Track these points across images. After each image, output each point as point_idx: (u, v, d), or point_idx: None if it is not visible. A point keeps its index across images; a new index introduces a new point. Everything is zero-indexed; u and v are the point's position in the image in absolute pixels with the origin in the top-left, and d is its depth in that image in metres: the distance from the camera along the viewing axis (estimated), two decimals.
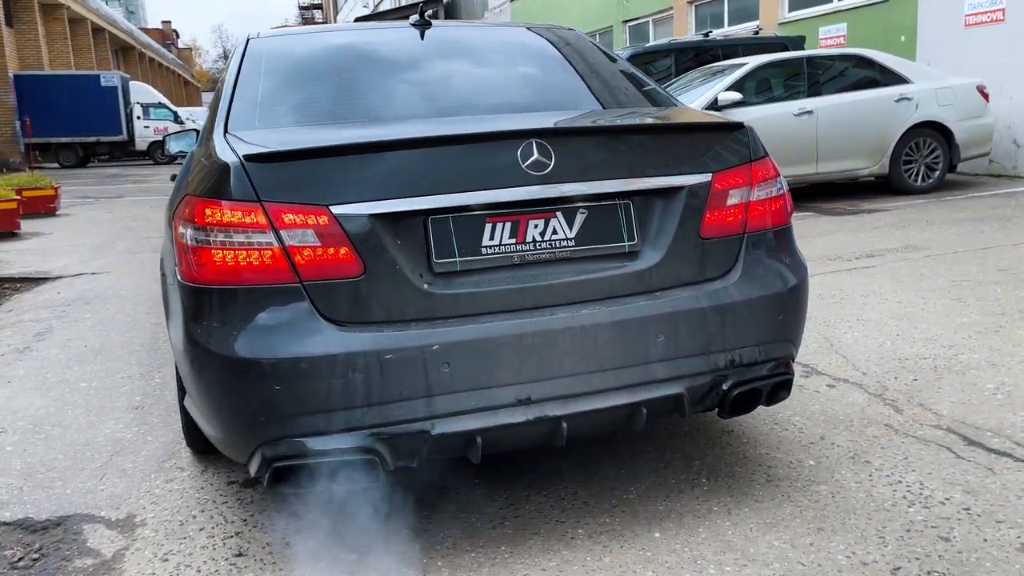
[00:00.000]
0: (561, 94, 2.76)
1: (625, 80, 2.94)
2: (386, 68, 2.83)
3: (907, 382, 3.29)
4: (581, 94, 2.81)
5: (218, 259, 2.01)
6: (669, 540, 2.21)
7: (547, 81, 2.85)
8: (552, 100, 2.71)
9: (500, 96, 2.70)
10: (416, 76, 2.80)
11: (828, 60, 9.09)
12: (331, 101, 2.65)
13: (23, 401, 3.54)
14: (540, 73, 2.89)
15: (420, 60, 2.89)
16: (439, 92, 2.72)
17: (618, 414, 2.17)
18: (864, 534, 2.19)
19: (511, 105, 2.63)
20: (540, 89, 2.78)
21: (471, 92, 2.72)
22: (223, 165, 2.06)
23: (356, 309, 2.02)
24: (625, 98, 2.81)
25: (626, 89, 2.87)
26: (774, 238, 2.40)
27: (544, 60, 3.00)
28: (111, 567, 2.20)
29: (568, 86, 2.84)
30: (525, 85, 2.80)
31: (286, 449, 1.98)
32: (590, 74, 2.94)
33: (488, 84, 2.78)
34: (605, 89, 2.86)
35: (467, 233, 2.10)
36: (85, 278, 6.47)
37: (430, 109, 2.61)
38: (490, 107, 2.59)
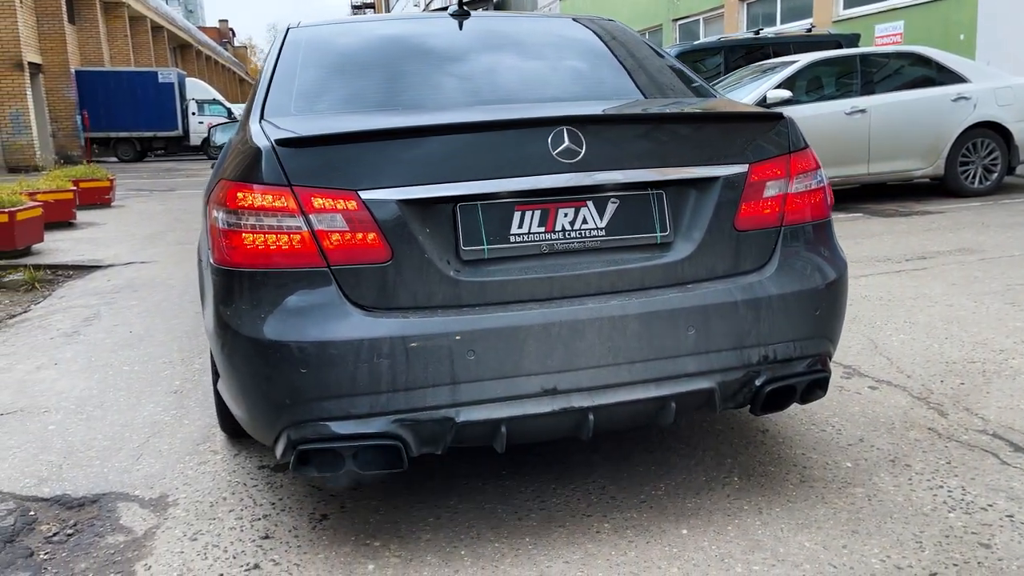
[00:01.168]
0: (597, 84, 2.73)
1: (664, 71, 2.89)
2: (422, 58, 2.82)
3: (954, 386, 3.19)
4: (617, 84, 2.77)
5: (248, 242, 2.02)
6: (697, 537, 2.17)
7: (582, 71, 2.82)
8: (587, 90, 2.67)
9: (535, 86, 2.68)
10: (452, 66, 2.79)
11: (882, 58, 8.86)
12: (366, 89, 2.65)
13: (68, 382, 3.63)
14: (575, 63, 2.86)
15: (456, 50, 2.88)
16: (473, 81, 2.70)
17: (646, 407, 2.13)
18: (900, 538, 2.12)
19: (546, 95, 2.60)
20: (575, 79, 2.75)
21: (506, 81, 2.70)
22: (255, 149, 2.08)
23: (383, 295, 2.02)
24: (663, 89, 2.76)
25: (664, 79, 2.83)
26: (812, 232, 2.33)
27: (580, 50, 2.96)
28: (141, 544, 2.23)
29: (603, 76, 2.80)
30: (560, 75, 2.77)
31: (311, 432, 1.99)
32: (626, 65, 2.90)
33: (523, 74, 2.76)
34: (641, 79, 2.81)
35: (496, 221, 2.08)
36: (134, 267, 6.61)
37: (464, 98, 2.60)
38: (525, 97, 2.57)
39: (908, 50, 8.94)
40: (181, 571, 2.09)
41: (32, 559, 2.18)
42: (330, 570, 2.08)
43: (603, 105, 2.52)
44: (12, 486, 2.60)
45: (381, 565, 2.09)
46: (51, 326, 4.73)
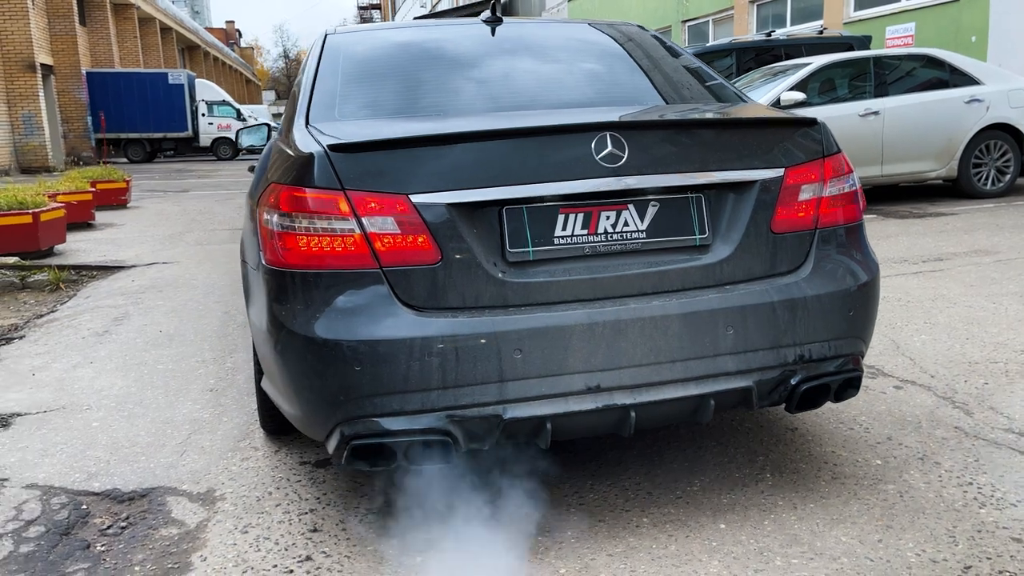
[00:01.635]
0: (632, 90, 2.80)
1: (695, 77, 2.95)
2: (460, 64, 2.89)
3: (977, 385, 3.24)
4: (651, 89, 2.84)
5: (302, 244, 2.09)
6: (735, 531, 2.23)
7: (617, 77, 2.88)
8: (623, 95, 2.74)
9: (572, 91, 2.74)
10: (488, 72, 2.86)
11: (895, 60, 8.90)
12: (407, 95, 2.72)
13: (106, 381, 3.71)
14: (611, 69, 2.93)
15: (492, 56, 2.95)
16: (511, 87, 2.77)
17: (686, 405, 2.20)
18: (934, 533, 2.18)
19: (582, 100, 2.67)
20: (611, 85, 2.81)
21: (543, 87, 2.76)
22: (308, 155, 2.14)
23: (432, 295, 2.08)
24: (694, 93, 2.83)
25: (695, 84, 2.89)
26: (846, 234, 2.39)
27: (614, 56, 3.03)
28: (195, 536, 2.30)
29: (639, 82, 2.87)
30: (596, 81, 2.84)
31: (363, 428, 2.06)
32: (661, 70, 2.97)
33: (559, 80, 2.83)
34: (676, 85, 2.88)
35: (540, 223, 2.15)
36: (157, 267, 6.70)
37: (503, 104, 2.67)
38: (562, 102, 2.64)
39: (921, 52, 8.98)
40: (236, 562, 2.16)
41: (90, 550, 2.25)
42: (380, 562, 2.14)
43: (640, 110, 2.59)
44: (63, 481, 2.67)
45: (425, 559, 2.16)
46: (81, 325, 4.80)
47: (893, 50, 9.77)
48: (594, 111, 2.53)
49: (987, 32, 10.94)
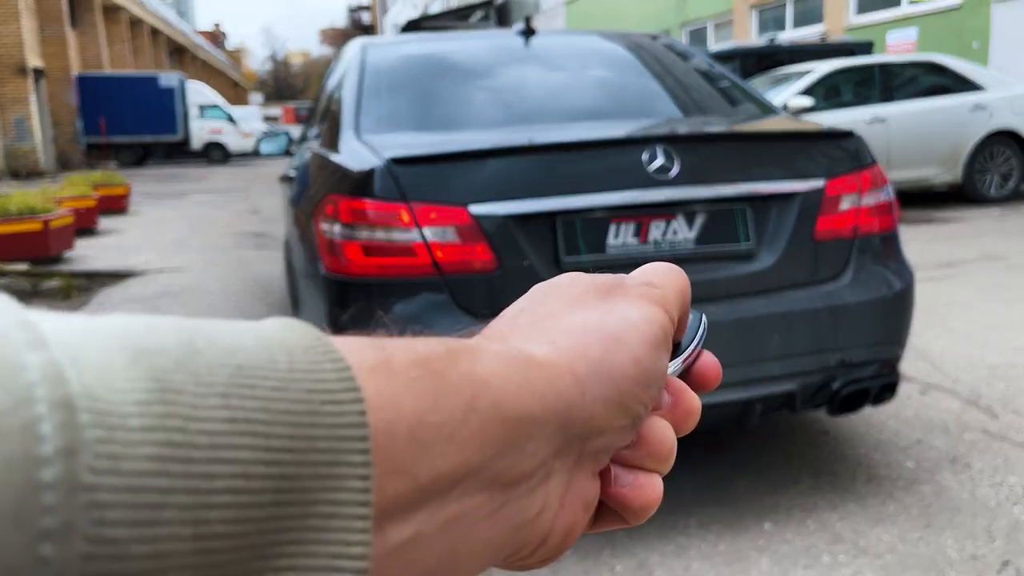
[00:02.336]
0: (673, 102, 2.87)
1: (730, 89, 3.02)
2: (501, 76, 2.96)
3: (999, 389, 3.32)
4: (691, 102, 2.91)
5: (367, 253, 2.14)
6: (780, 531, 2.29)
7: (657, 89, 2.95)
8: (665, 108, 2.82)
9: (614, 104, 2.81)
10: (529, 84, 2.93)
11: (901, 67, 9.02)
12: (452, 108, 2.78)
13: None
14: (650, 81, 3.00)
15: (531, 68, 3.02)
16: (554, 100, 2.84)
17: (734, 409, 2.26)
18: (971, 531, 2.25)
19: (628, 111, 2.74)
20: (652, 97, 2.89)
21: (584, 100, 2.83)
22: (369, 167, 2.20)
23: (489, 302, 2.14)
24: (733, 106, 2.90)
25: (732, 97, 2.96)
26: (883, 243, 2.47)
27: (652, 69, 3.10)
28: None
29: (679, 94, 2.94)
30: (638, 93, 2.91)
31: None
32: (697, 82, 3.04)
33: (601, 92, 2.89)
34: (713, 97, 2.95)
35: (593, 232, 2.21)
36: (168, 273, 6.72)
37: (546, 116, 2.73)
38: (605, 114, 2.71)
39: (925, 59, 9.10)
40: None
41: None
42: None
43: (685, 122, 2.66)
44: None
45: None
46: None
47: (898, 56, 9.90)
48: (642, 123, 2.59)
49: (988, 38, 11.10)
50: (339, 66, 3.60)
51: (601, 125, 2.54)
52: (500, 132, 2.52)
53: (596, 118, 2.68)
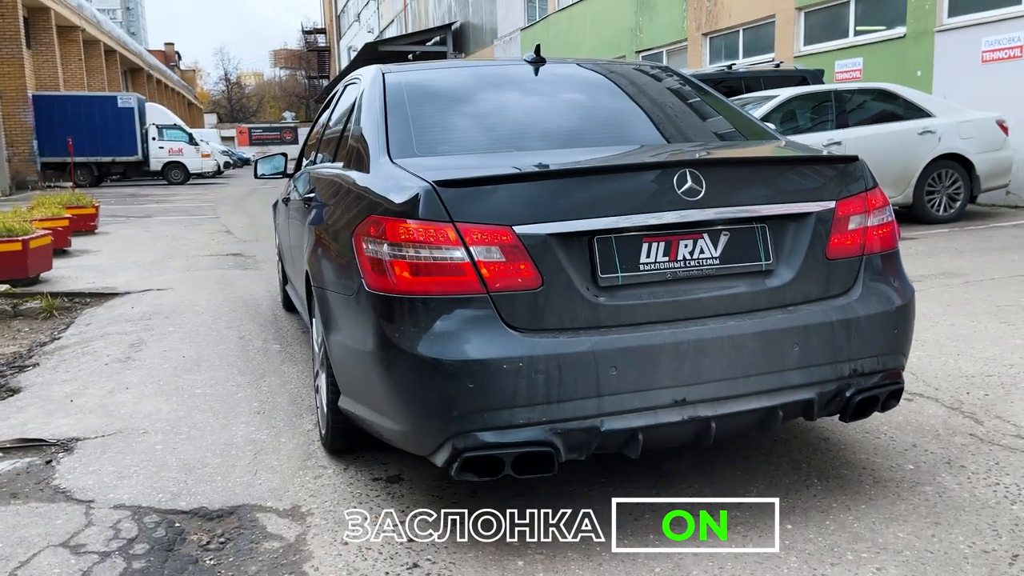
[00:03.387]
0: (689, 128, 3.05)
1: (732, 113, 3.21)
2: (518, 101, 3.10)
3: (979, 397, 3.55)
4: (704, 128, 3.09)
5: (415, 272, 2.26)
6: (802, 531, 2.45)
7: (670, 115, 3.13)
8: (678, 133, 2.99)
9: (633, 128, 2.98)
10: (546, 109, 3.08)
11: (855, 93, 9.43)
12: (477, 132, 2.92)
13: (150, 405, 3.77)
14: (661, 108, 3.17)
15: (546, 94, 3.17)
16: (571, 124, 3.00)
17: (757, 416, 2.42)
18: (978, 527, 2.43)
19: (644, 137, 2.91)
20: (666, 122, 3.06)
21: (603, 124, 2.99)
22: (415, 189, 2.32)
23: (534, 317, 2.27)
24: (737, 130, 3.09)
25: (735, 122, 3.15)
26: (887, 260, 2.66)
27: (661, 96, 3.28)
28: (298, 549, 2.42)
29: (691, 120, 3.12)
30: (652, 118, 3.08)
31: (475, 441, 2.22)
32: (705, 110, 3.22)
33: (617, 117, 3.06)
34: (722, 123, 3.14)
35: (627, 251, 2.35)
36: (153, 294, 6.70)
37: (569, 140, 2.89)
38: (625, 138, 2.87)
39: (877, 87, 9.53)
40: (348, 571, 2.29)
41: (199, 565, 2.35)
42: (485, 567, 2.30)
43: (704, 147, 2.83)
44: (148, 501, 2.76)
45: (529, 561, 2.32)
46: (98, 352, 4.83)
47: (852, 84, 10.32)
48: (665, 148, 2.76)
49: (932, 67, 11.62)
50: (349, 92, 3.71)
51: (629, 150, 2.70)
52: (529, 155, 2.66)
53: (617, 143, 2.84)
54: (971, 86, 10.96)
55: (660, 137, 2.98)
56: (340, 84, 4.21)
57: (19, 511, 2.71)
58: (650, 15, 19.15)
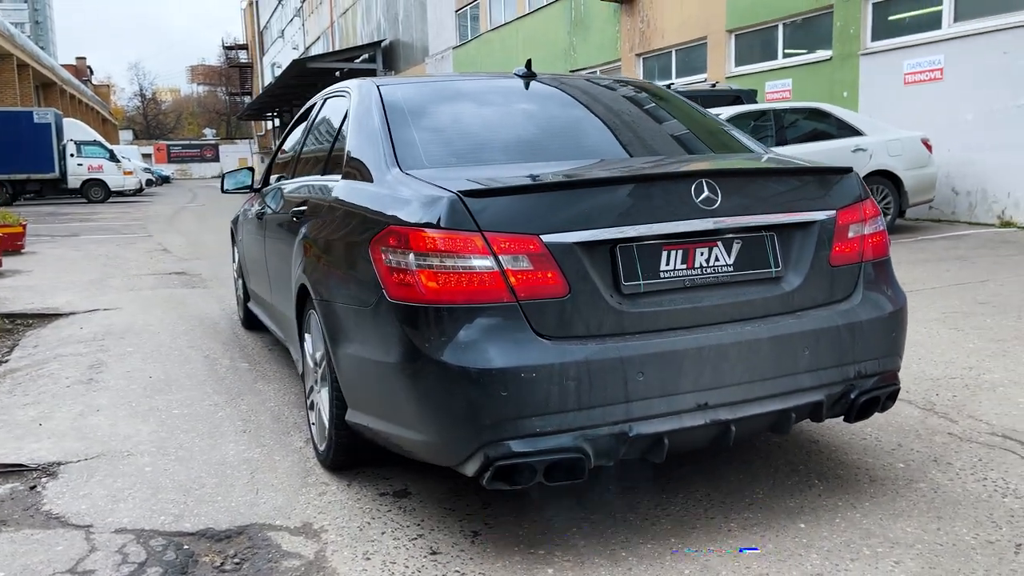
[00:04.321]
0: (688, 141, 3.12)
1: (727, 130, 3.32)
2: (517, 113, 3.14)
3: (948, 398, 3.72)
4: (700, 142, 3.17)
5: (444, 281, 2.26)
6: (815, 529, 2.52)
7: (667, 128, 3.21)
8: (679, 145, 3.06)
9: (638, 140, 3.04)
10: (547, 121, 3.12)
11: (792, 112, 9.80)
12: (482, 143, 2.94)
13: (128, 427, 3.63)
14: (660, 120, 3.25)
15: (543, 106, 3.22)
16: (573, 135, 3.04)
17: (772, 419, 2.49)
18: (977, 519, 2.55)
19: (650, 148, 2.98)
20: (667, 135, 3.13)
21: (603, 136, 3.05)
22: (441, 199, 2.32)
23: (562, 325, 2.29)
24: (735, 145, 3.19)
25: (728, 135, 3.25)
26: (882, 267, 2.78)
27: (655, 110, 3.36)
28: (320, 566, 2.37)
29: (688, 134, 3.20)
30: (654, 130, 3.15)
31: (507, 449, 2.22)
32: (701, 124, 3.31)
33: (618, 129, 3.12)
34: (718, 137, 3.23)
35: (648, 259, 2.40)
36: (101, 314, 6.45)
37: (569, 151, 2.93)
38: (632, 149, 2.94)
39: (813, 106, 9.92)
40: None
41: None
42: (518, 574, 2.30)
43: (711, 158, 2.91)
44: (150, 523, 2.66)
45: (558, 569, 2.33)
46: (55, 374, 4.62)
47: (790, 103, 10.71)
48: (673, 159, 2.83)
49: (857, 88, 12.16)
50: (333, 105, 3.69)
51: (640, 161, 2.76)
52: (538, 166, 2.69)
53: (623, 153, 2.90)
54: (894, 106, 11.52)
55: (664, 148, 3.05)
56: (317, 98, 4.17)
57: (13, 538, 2.57)
58: (584, 35, 19.50)
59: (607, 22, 18.56)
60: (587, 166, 2.79)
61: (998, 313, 5.43)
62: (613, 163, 2.82)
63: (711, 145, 3.19)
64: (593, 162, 2.86)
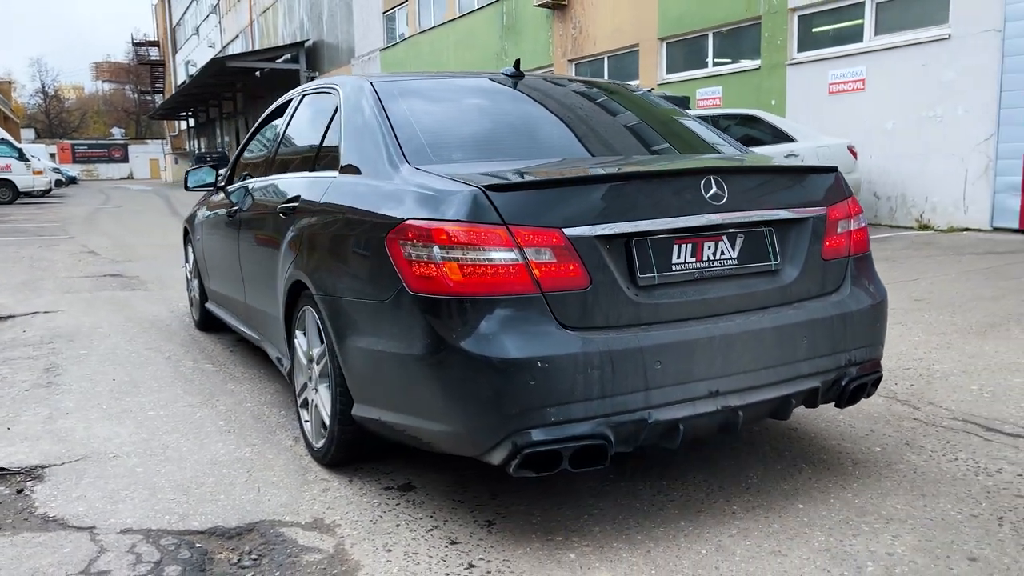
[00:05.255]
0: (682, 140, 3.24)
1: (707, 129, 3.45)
2: (511, 111, 3.20)
3: (906, 387, 3.94)
4: (695, 140, 3.29)
5: (470, 273, 2.29)
6: (814, 509, 2.65)
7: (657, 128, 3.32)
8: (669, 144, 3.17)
9: (632, 138, 3.14)
10: (543, 118, 3.19)
11: (727, 119, 10.14)
12: (484, 140, 2.98)
13: (106, 429, 3.52)
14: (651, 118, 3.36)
15: (536, 105, 3.28)
16: (565, 133, 3.13)
17: (775, 405, 2.61)
18: (958, 496, 2.73)
19: (646, 145, 3.08)
20: (654, 135, 3.24)
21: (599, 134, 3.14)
22: (464, 193, 2.35)
23: (583, 316, 2.36)
24: (723, 145, 3.33)
25: (717, 135, 3.39)
26: (866, 261, 2.95)
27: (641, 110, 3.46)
28: (343, 559, 2.37)
29: (684, 134, 3.32)
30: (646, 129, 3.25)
31: (534, 437, 2.27)
32: (687, 123, 3.43)
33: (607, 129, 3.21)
34: (704, 136, 3.36)
35: (661, 252, 2.49)
36: (43, 316, 6.19)
37: (565, 148, 3.02)
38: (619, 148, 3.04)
39: (748, 113, 10.29)
40: (407, 574, 2.27)
41: None
42: (539, 561, 2.35)
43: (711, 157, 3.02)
44: (156, 523, 2.60)
45: (580, 553, 2.39)
46: (8, 378, 4.42)
47: (728, 110, 11.07)
48: (682, 157, 2.93)
49: (785, 96, 12.65)
50: (317, 102, 3.67)
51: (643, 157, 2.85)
52: (544, 163, 2.75)
53: (621, 151, 2.99)
54: (819, 115, 12.03)
55: (659, 146, 3.17)
56: (291, 95, 4.13)
57: (14, 542, 2.48)
58: (516, 40, 19.66)
59: (540, 27, 18.77)
60: (593, 162, 2.86)
61: (934, 309, 5.76)
62: (613, 160, 2.91)
63: (698, 145, 3.31)
64: (593, 159, 2.94)
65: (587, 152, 3.02)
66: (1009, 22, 9.75)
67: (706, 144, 3.34)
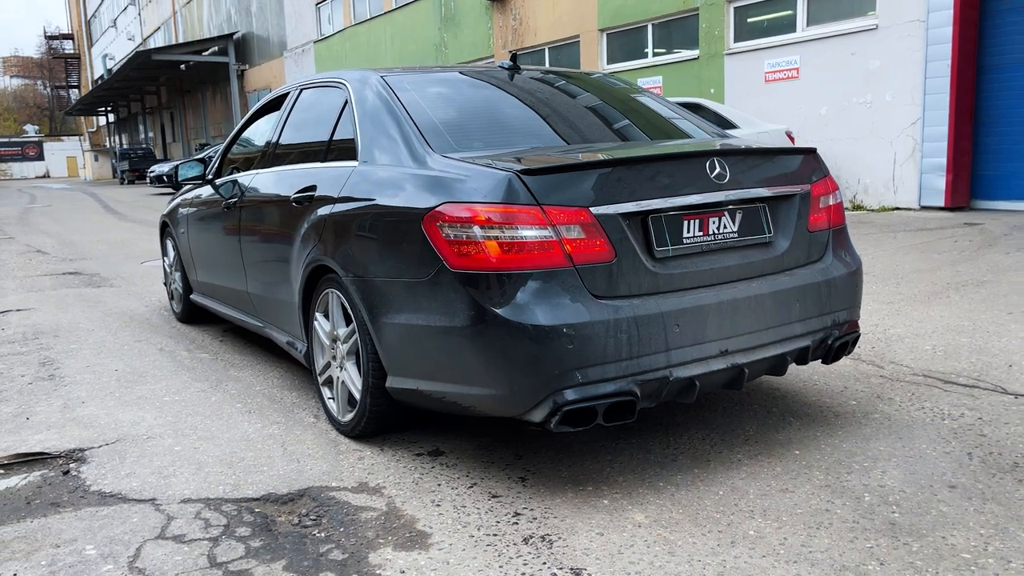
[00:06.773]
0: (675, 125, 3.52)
1: (695, 116, 3.75)
2: (523, 101, 3.44)
3: (868, 350, 4.33)
4: (692, 126, 3.58)
5: (508, 250, 2.53)
6: (810, 453, 2.98)
7: (654, 115, 3.59)
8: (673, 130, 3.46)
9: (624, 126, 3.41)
10: (550, 108, 3.44)
11: None
12: (498, 129, 3.21)
13: (128, 415, 3.63)
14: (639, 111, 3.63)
15: (540, 96, 3.52)
16: (581, 122, 3.38)
17: (773, 362, 2.92)
18: (931, 438, 3.09)
19: (643, 132, 3.35)
20: (651, 122, 3.52)
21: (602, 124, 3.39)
22: (501, 177, 2.58)
23: (610, 286, 2.62)
24: (708, 129, 3.62)
25: (700, 123, 3.68)
26: (842, 233, 3.28)
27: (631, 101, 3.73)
28: (397, 514, 2.58)
29: (675, 119, 3.60)
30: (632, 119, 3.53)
31: (573, 395, 2.52)
32: (676, 110, 3.72)
33: (611, 117, 3.47)
34: (695, 121, 3.65)
35: (674, 227, 2.77)
36: (16, 315, 6.16)
37: (585, 136, 3.27)
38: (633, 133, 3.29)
39: (692, 101, 10.68)
40: (461, 524, 2.50)
41: (312, 538, 2.45)
42: (578, 508, 2.60)
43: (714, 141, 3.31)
44: (213, 492, 2.76)
45: (612, 499, 2.66)
46: (6, 373, 4.46)
47: (674, 98, 11.45)
48: (687, 141, 3.21)
49: (723, 85, 13.14)
50: (323, 96, 3.84)
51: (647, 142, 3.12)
52: (558, 150, 3.00)
53: (625, 138, 3.26)
54: (756, 102, 12.56)
55: (654, 132, 3.44)
56: (288, 89, 4.27)
57: (79, 515, 2.61)
58: (455, 31, 19.79)
59: (479, 19, 18.94)
60: (602, 147, 3.12)
61: (879, 282, 6.21)
62: (618, 145, 3.17)
63: (689, 130, 3.61)
64: (607, 145, 3.20)
65: (590, 138, 3.28)
66: (932, 12, 10.38)
67: (697, 128, 3.64)
